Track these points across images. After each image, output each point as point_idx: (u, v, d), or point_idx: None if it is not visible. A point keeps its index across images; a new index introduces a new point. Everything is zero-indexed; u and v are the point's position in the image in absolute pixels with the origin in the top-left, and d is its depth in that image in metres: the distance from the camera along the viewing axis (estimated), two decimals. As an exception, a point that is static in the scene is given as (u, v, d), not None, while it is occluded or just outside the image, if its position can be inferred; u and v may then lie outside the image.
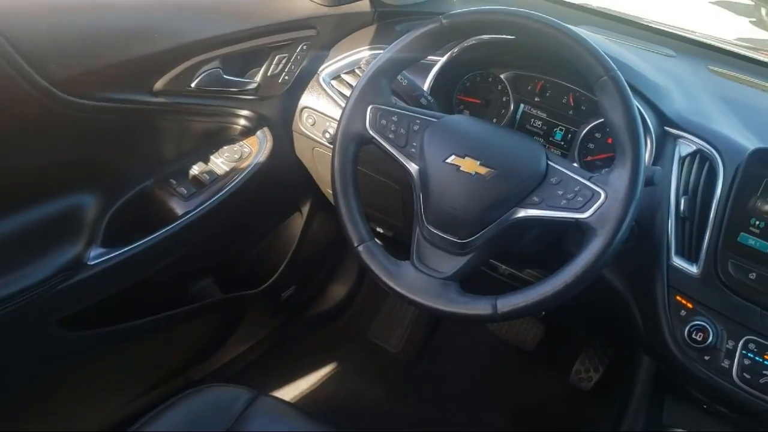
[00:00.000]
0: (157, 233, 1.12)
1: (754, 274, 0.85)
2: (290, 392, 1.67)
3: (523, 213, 0.82)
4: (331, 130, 1.21)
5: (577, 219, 0.78)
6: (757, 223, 0.86)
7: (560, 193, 0.80)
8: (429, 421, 1.66)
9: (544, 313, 1.56)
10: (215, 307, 1.39)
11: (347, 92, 1.19)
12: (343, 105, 0.96)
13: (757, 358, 0.84)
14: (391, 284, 0.87)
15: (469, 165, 0.84)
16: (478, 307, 0.82)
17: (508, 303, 0.80)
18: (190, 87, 1.07)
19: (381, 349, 1.82)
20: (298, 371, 1.71)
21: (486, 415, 1.68)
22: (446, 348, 1.83)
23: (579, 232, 0.80)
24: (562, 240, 1.00)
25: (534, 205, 0.82)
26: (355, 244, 0.90)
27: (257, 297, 1.49)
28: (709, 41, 1.31)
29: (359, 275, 1.85)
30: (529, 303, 0.79)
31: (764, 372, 0.83)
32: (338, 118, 0.95)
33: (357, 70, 1.20)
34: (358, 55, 1.21)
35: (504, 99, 1.13)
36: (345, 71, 1.22)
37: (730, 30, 1.52)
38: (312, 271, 1.74)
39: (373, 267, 0.89)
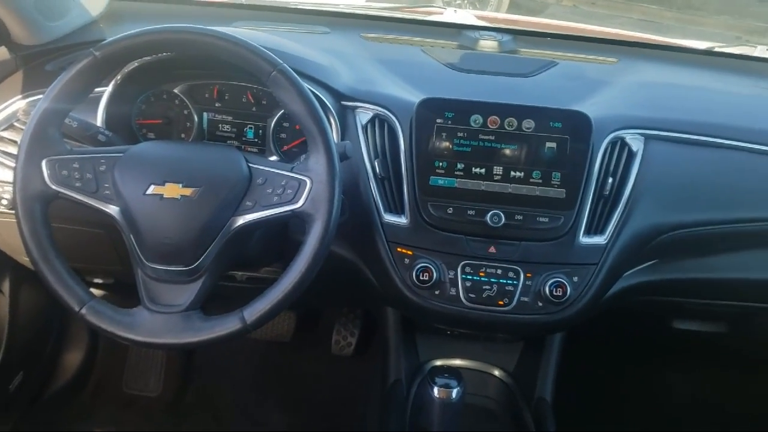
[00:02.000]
0: None
1: (451, 209, 0.97)
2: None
3: (241, 220, 0.83)
4: (8, 195, 1.08)
5: (293, 210, 0.82)
6: (441, 164, 0.98)
7: (269, 191, 0.83)
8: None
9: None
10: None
11: (13, 150, 1.07)
12: (13, 165, 0.86)
13: (475, 278, 0.97)
14: (130, 336, 0.82)
15: (172, 190, 0.82)
16: (227, 325, 0.81)
17: (255, 311, 0.81)
18: None
19: (141, 397, 1.72)
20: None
21: (265, 415, 1.70)
22: (209, 367, 1.79)
23: (300, 221, 0.83)
24: (287, 230, 1.03)
25: (249, 210, 0.83)
26: (77, 309, 0.82)
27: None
28: (357, 11, 1.42)
29: (92, 335, 1.70)
30: (275, 304, 0.81)
31: (484, 287, 0.97)
32: (11, 181, 0.85)
33: (17, 124, 1.08)
34: (12, 108, 1.08)
35: (185, 112, 1.12)
36: (2, 128, 1.09)
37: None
38: (37, 349, 1.55)
39: (103, 326, 0.82)
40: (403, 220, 0.99)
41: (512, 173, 0.98)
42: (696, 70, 1.35)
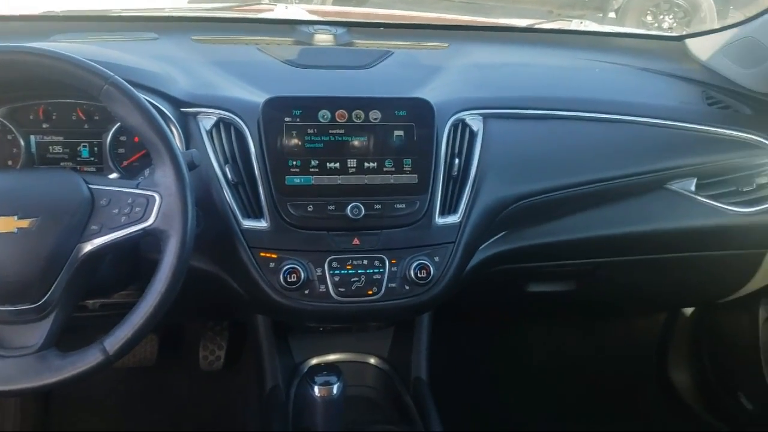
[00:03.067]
0: None
1: (311, 206, 0.97)
2: None
3: (88, 246, 0.77)
4: None
5: (144, 229, 0.77)
6: (294, 162, 0.97)
7: (116, 211, 0.78)
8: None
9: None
10: None
11: None
12: None
13: (342, 272, 0.97)
14: None
15: (6, 224, 0.74)
16: (88, 359, 0.76)
17: (116, 340, 0.76)
18: None
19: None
20: None
21: None
22: (70, 404, 1.66)
23: (153, 239, 0.79)
24: (139, 250, 0.97)
25: (96, 234, 0.77)
26: None
27: None
28: (184, 14, 1.36)
29: None
30: (137, 330, 0.76)
31: (353, 280, 0.97)
32: None
33: None
34: None
35: (9, 138, 1.02)
36: None
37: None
38: None
39: None
40: (263, 224, 0.97)
41: (366, 164, 0.99)
42: (521, 47, 1.44)
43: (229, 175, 0.98)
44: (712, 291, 1.47)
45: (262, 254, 0.97)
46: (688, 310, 1.75)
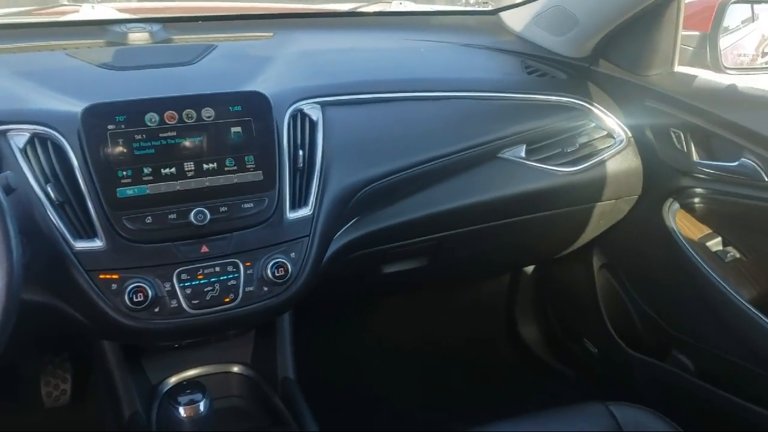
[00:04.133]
0: None
1: (150, 218, 0.90)
2: None
3: None
4: None
5: None
6: (125, 173, 0.89)
7: None
8: None
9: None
10: None
11: None
12: None
13: (194, 283, 0.92)
14: None
15: None
16: None
17: None
18: None
19: None
20: None
21: None
22: None
23: None
24: None
25: None
26: None
27: None
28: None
29: None
30: None
31: (206, 290, 0.92)
32: None
33: None
34: None
35: None
36: None
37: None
38: None
39: None
40: (98, 244, 0.89)
41: (205, 166, 0.93)
42: (347, 32, 1.44)
43: (53, 195, 0.88)
44: (550, 248, 1.57)
45: (101, 276, 0.89)
46: (530, 268, 1.87)
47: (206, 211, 0.92)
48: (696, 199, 1.28)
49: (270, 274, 0.95)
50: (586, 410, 1.12)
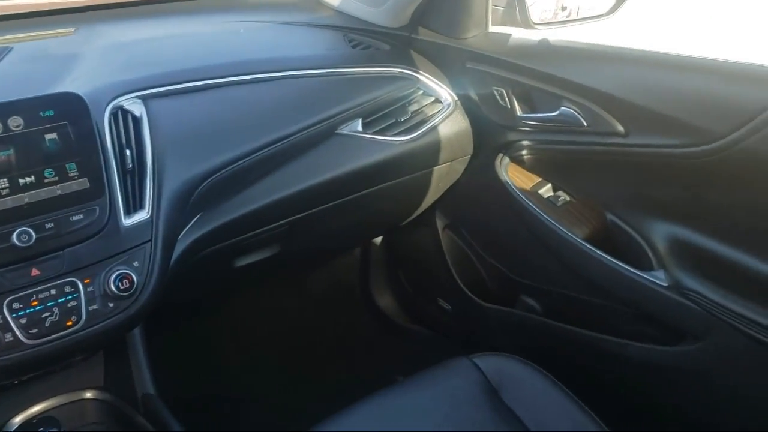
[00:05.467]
0: None
1: None
2: None
3: None
4: None
5: None
6: None
7: None
8: None
9: None
10: None
11: None
12: None
13: (29, 311, 0.82)
14: None
15: None
16: None
17: None
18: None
19: None
20: None
21: None
22: None
23: None
24: None
25: None
26: None
27: None
28: None
29: None
30: None
31: (44, 316, 0.83)
32: None
33: None
34: None
35: None
36: None
37: None
38: None
39: None
40: None
41: (21, 181, 0.83)
42: (157, 20, 1.36)
43: None
44: (396, 217, 1.60)
45: None
46: (379, 239, 1.89)
47: (30, 230, 0.82)
48: (524, 152, 1.36)
49: (114, 288, 0.87)
50: (451, 366, 1.16)
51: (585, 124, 1.18)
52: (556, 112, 1.22)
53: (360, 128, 1.28)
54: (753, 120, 0.93)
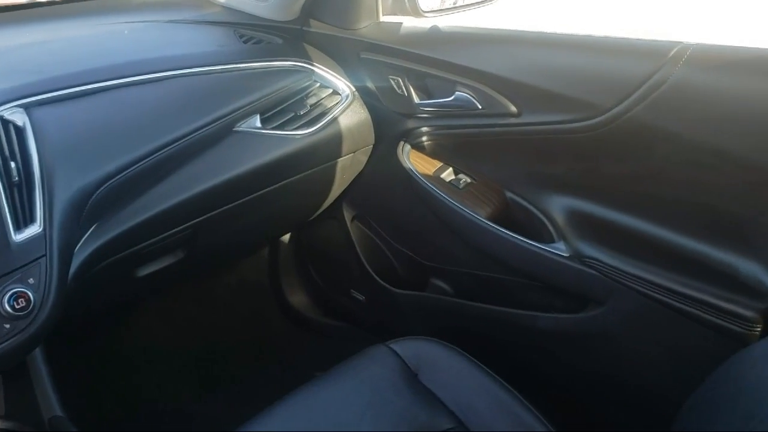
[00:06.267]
0: None
1: None
2: None
3: None
4: None
5: None
6: None
7: None
8: None
9: None
10: None
11: None
12: None
13: None
14: None
15: None
16: None
17: None
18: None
19: None
20: None
21: None
22: None
23: None
24: None
25: None
26: None
27: None
28: None
29: None
30: None
31: None
32: None
33: None
34: None
35: None
36: None
37: None
38: None
39: None
40: None
41: None
42: (35, 24, 1.28)
43: None
44: (303, 213, 1.59)
45: None
46: (287, 236, 1.87)
47: None
48: (424, 138, 1.38)
49: (9, 308, 0.82)
50: (369, 355, 1.17)
51: (480, 107, 1.21)
52: (452, 97, 1.24)
53: (259, 124, 1.26)
54: (636, 91, 0.99)
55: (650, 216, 1.09)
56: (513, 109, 1.16)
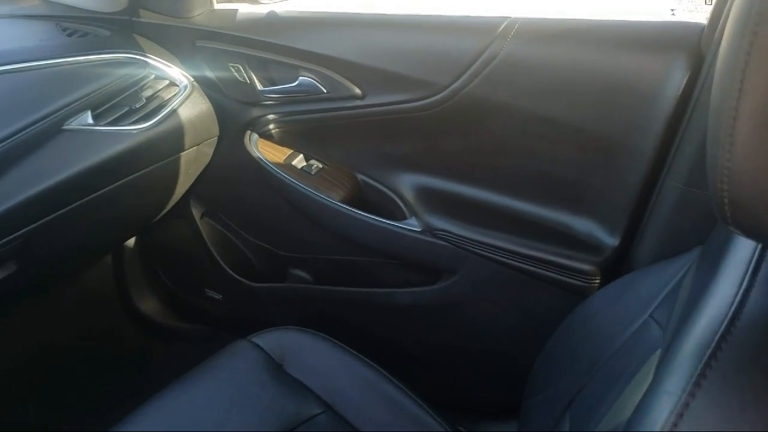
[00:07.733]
0: None
1: None
2: None
3: None
4: None
5: None
6: None
7: None
8: None
9: None
10: None
11: None
12: None
13: None
14: None
15: None
16: None
17: None
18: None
19: None
20: None
21: None
22: None
23: None
24: None
25: None
26: None
27: None
28: None
29: None
30: None
31: None
32: None
33: None
34: None
35: None
36: None
37: None
38: None
39: None
40: None
41: None
42: None
43: None
44: (147, 213, 1.50)
45: None
46: (131, 241, 1.77)
47: None
48: (272, 126, 1.36)
49: None
50: (231, 351, 1.14)
51: (325, 91, 1.21)
52: (296, 83, 1.23)
53: (90, 121, 1.17)
54: (470, 67, 1.04)
55: (492, 185, 1.15)
56: (357, 91, 1.18)
